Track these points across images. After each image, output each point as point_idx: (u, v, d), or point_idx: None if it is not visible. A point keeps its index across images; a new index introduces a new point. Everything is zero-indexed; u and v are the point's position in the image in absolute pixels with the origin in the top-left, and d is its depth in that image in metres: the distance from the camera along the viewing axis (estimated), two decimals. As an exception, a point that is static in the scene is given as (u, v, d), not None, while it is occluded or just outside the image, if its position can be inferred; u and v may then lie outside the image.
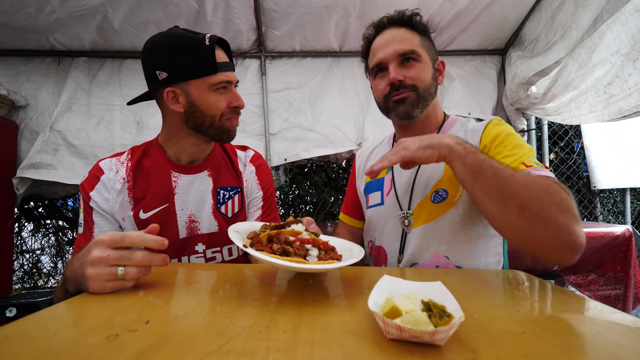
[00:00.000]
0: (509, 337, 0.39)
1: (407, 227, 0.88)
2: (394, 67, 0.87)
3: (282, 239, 0.57)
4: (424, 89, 0.87)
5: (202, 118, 0.86)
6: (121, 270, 0.53)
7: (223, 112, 0.87)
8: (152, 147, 0.95)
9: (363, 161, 1.10)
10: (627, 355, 0.35)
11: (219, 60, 0.83)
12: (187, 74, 0.82)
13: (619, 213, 3.49)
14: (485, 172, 0.64)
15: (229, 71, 0.87)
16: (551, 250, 0.60)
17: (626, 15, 1.49)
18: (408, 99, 0.86)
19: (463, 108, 2.30)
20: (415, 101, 0.86)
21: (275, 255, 0.53)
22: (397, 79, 0.85)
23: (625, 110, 1.57)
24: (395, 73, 0.86)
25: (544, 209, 0.58)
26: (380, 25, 0.92)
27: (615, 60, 1.56)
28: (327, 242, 0.62)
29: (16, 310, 1.68)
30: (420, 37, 0.89)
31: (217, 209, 0.95)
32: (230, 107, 0.87)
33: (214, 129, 0.88)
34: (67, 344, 0.37)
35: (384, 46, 0.88)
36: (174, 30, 0.84)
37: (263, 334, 0.39)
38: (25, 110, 2.04)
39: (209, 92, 0.84)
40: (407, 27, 0.89)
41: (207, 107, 0.85)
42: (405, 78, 0.85)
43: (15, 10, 1.72)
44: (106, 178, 0.87)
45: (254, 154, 1.07)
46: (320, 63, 2.30)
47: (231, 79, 0.87)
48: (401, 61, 0.87)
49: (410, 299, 0.42)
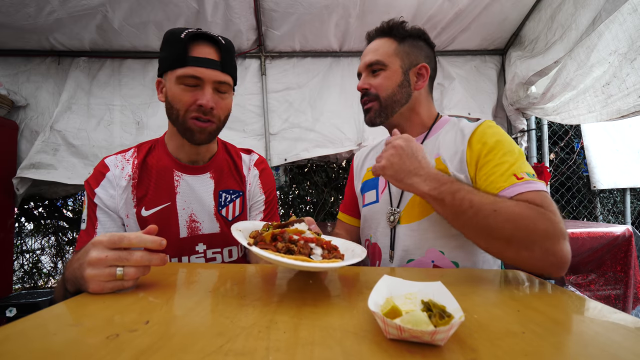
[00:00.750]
0: (509, 337, 0.39)
1: (391, 223, 0.90)
2: (364, 76, 0.96)
3: (286, 238, 0.57)
4: (385, 97, 0.92)
5: (171, 110, 0.85)
6: (120, 271, 0.53)
7: (187, 109, 0.83)
8: (158, 144, 0.95)
9: (360, 162, 1.13)
10: (627, 355, 0.35)
11: (197, 55, 0.81)
12: (165, 65, 0.85)
13: (619, 213, 3.49)
14: (466, 213, 0.67)
15: (206, 68, 0.81)
16: (539, 269, 0.65)
17: (624, 15, 1.49)
18: (372, 109, 0.94)
19: (463, 108, 2.30)
20: (378, 110, 0.93)
21: (280, 253, 0.53)
22: (361, 87, 0.95)
23: (623, 110, 1.57)
24: (361, 82, 0.95)
25: (530, 240, 0.63)
26: (368, 36, 1.00)
27: (613, 60, 1.56)
28: (329, 241, 0.62)
29: (16, 310, 1.68)
30: (398, 44, 0.93)
31: (219, 211, 0.95)
32: (197, 105, 0.82)
33: (179, 125, 0.85)
34: (67, 344, 0.37)
35: (362, 57, 0.97)
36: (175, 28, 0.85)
37: (263, 334, 0.39)
38: (25, 110, 2.04)
39: (175, 85, 0.82)
40: (387, 35, 0.94)
41: (173, 100, 0.83)
42: (370, 87, 0.93)
43: (15, 10, 1.72)
44: (112, 175, 0.87)
45: (258, 158, 1.07)
46: (320, 63, 2.30)
47: (201, 75, 0.81)
48: (370, 70, 0.94)
49: (410, 299, 0.42)
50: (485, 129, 0.84)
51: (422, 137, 0.95)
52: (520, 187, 0.70)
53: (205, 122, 0.84)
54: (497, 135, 0.81)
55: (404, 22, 0.94)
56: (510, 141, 0.81)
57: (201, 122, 0.84)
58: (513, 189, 0.70)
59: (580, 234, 1.69)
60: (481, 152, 0.80)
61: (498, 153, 0.78)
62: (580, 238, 1.69)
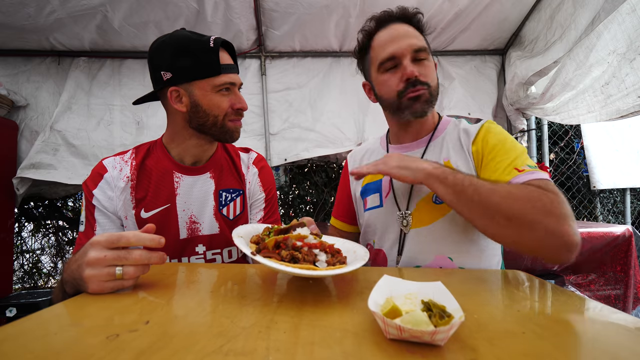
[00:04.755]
0: (509, 337, 0.39)
1: (405, 228, 0.87)
2: (409, 62, 0.83)
3: (289, 245, 0.56)
4: (434, 87, 0.86)
5: (205, 118, 0.87)
6: (119, 270, 0.53)
7: (226, 113, 0.88)
8: (156, 147, 0.95)
9: (356, 164, 1.08)
10: (627, 355, 0.35)
11: (223, 62, 0.85)
12: (191, 74, 0.83)
13: (619, 213, 3.49)
14: (466, 191, 0.67)
15: (233, 73, 0.87)
16: (546, 252, 0.63)
17: (623, 15, 1.49)
18: (423, 96, 0.84)
19: (463, 108, 2.30)
20: (429, 99, 0.85)
21: (284, 262, 0.53)
22: (415, 73, 0.82)
23: (622, 110, 1.57)
24: (412, 68, 0.82)
25: (528, 216, 0.62)
26: (383, 18, 0.89)
27: (612, 60, 1.56)
28: (332, 245, 0.62)
29: (16, 310, 1.68)
30: (423, 35, 0.89)
31: (219, 211, 0.95)
32: (234, 109, 0.89)
33: (217, 129, 0.89)
34: (67, 344, 0.37)
35: (395, 39, 0.84)
36: (179, 32, 0.85)
37: (263, 334, 0.39)
38: (25, 110, 2.04)
39: (212, 93, 0.85)
40: (412, 24, 0.88)
41: (210, 108, 0.86)
42: (419, 74, 0.83)
43: (15, 10, 1.72)
44: (110, 176, 0.87)
45: (256, 156, 1.08)
46: (320, 63, 2.30)
47: (234, 80, 0.87)
48: (414, 57, 0.84)
49: (410, 299, 0.42)
50: (488, 129, 0.85)
51: (427, 137, 0.93)
52: (522, 178, 0.71)
53: (239, 121, 0.92)
54: (500, 135, 0.82)
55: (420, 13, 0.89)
56: (513, 139, 0.82)
57: (238, 122, 0.92)
58: (515, 180, 0.71)
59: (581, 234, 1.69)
60: (484, 151, 0.81)
61: (500, 151, 0.79)
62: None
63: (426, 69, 0.85)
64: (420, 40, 0.85)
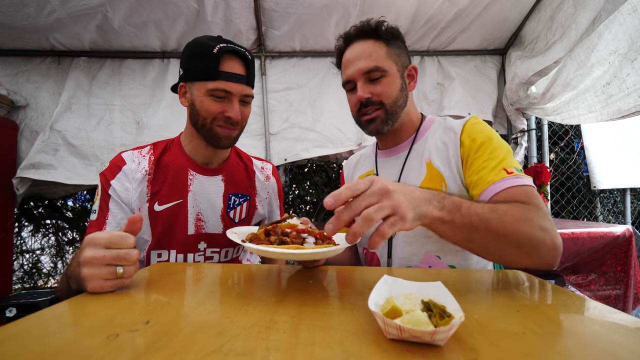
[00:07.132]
0: (509, 337, 0.39)
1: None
2: (361, 84, 0.87)
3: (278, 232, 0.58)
4: (391, 104, 0.87)
5: (197, 117, 0.90)
6: (120, 269, 0.53)
7: (215, 118, 0.89)
8: (174, 144, 0.99)
9: (350, 170, 1.11)
10: (627, 356, 0.35)
11: (226, 70, 0.86)
12: (192, 75, 0.89)
13: (619, 213, 3.49)
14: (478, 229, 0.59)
15: (235, 82, 0.87)
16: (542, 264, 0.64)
17: (624, 15, 1.49)
18: (377, 118, 0.88)
19: (463, 108, 2.29)
20: (384, 118, 0.88)
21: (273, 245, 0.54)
22: (363, 97, 0.86)
23: (624, 110, 1.56)
24: (362, 91, 0.86)
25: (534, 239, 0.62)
26: (347, 37, 0.91)
27: (614, 60, 1.56)
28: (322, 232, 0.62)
29: (16, 310, 1.68)
30: (387, 46, 0.88)
31: (227, 213, 0.99)
32: (224, 116, 0.88)
33: (206, 131, 0.91)
34: (67, 344, 0.37)
35: (351, 62, 0.88)
36: (203, 37, 0.90)
37: (263, 334, 0.39)
38: (25, 110, 2.04)
39: (205, 96, 0.87)
40: (374, 38, 0.88)
41: (200, 109, 0.89)
42: (372, 95, 0.86)
43: (15, 10, 1.72)
44: (128, 168, 0.90)
45: (272, 167, 1.15)
46: (320, 63, 2.30)
47: (231, 89, 0.87)
48: (368, 78, 0.87)
49: (410, 299, 0.42)
50: (473, 125, 0.85)
51: (410, 140, 0.94)
52: (510, 181, 0.73)
53: (231, 130, 0.91)
54: (486, 132, 0.83)
55: (385, 22, 0.89)
56: (498, 137, 0.83)
57: (227, 129, 0.91)
58: (503, 183, 0.73)
59: (581, 234, 1.69)
60: (471, 148, 0.82)
61: (487, 148, 0.79)
62: (580, 238, 1.69)
63: (382, 87, 0.86)
64: (373, 60, 0.85)
